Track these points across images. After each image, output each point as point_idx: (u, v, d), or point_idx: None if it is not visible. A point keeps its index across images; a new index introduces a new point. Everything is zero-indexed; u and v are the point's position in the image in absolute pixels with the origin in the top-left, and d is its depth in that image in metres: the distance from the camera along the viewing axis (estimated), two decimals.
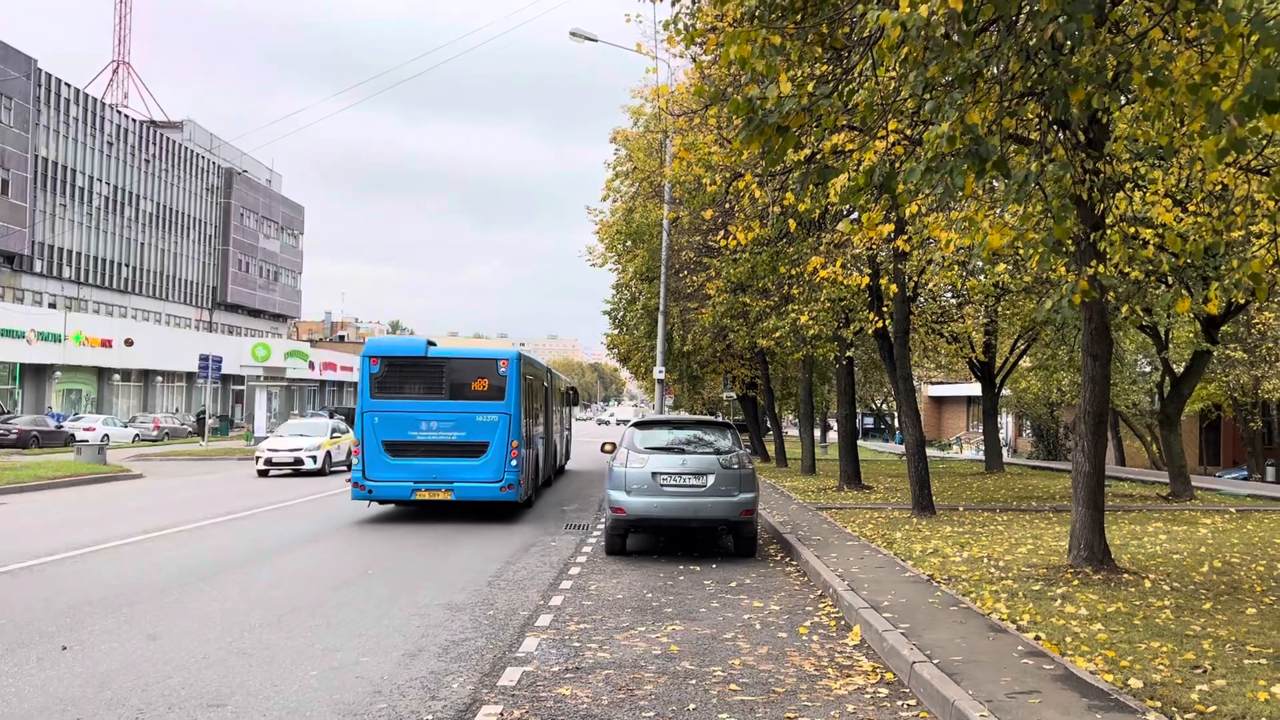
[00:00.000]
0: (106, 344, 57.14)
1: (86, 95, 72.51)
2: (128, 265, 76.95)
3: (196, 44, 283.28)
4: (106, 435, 43.28)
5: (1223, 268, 15.87)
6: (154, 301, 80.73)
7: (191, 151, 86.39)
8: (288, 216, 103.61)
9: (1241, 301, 19.26)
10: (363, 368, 17.04)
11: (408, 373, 17.09)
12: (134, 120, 79.06)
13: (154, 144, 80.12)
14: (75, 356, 54.85)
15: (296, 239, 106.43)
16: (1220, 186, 10.78)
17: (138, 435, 49.04)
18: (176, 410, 64.96)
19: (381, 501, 17.50)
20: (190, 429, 53.57)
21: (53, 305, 63.91)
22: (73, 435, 41.35)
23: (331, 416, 41.35)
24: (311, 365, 78.26)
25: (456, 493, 16.66)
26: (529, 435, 18.85)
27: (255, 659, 7.44)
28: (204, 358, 38.43)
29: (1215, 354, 22.63)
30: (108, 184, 74.10)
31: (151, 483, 25.11)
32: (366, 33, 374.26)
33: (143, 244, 78.85)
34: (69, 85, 69.49)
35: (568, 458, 31.73)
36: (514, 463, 16.86)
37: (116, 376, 60.08)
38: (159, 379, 65.38)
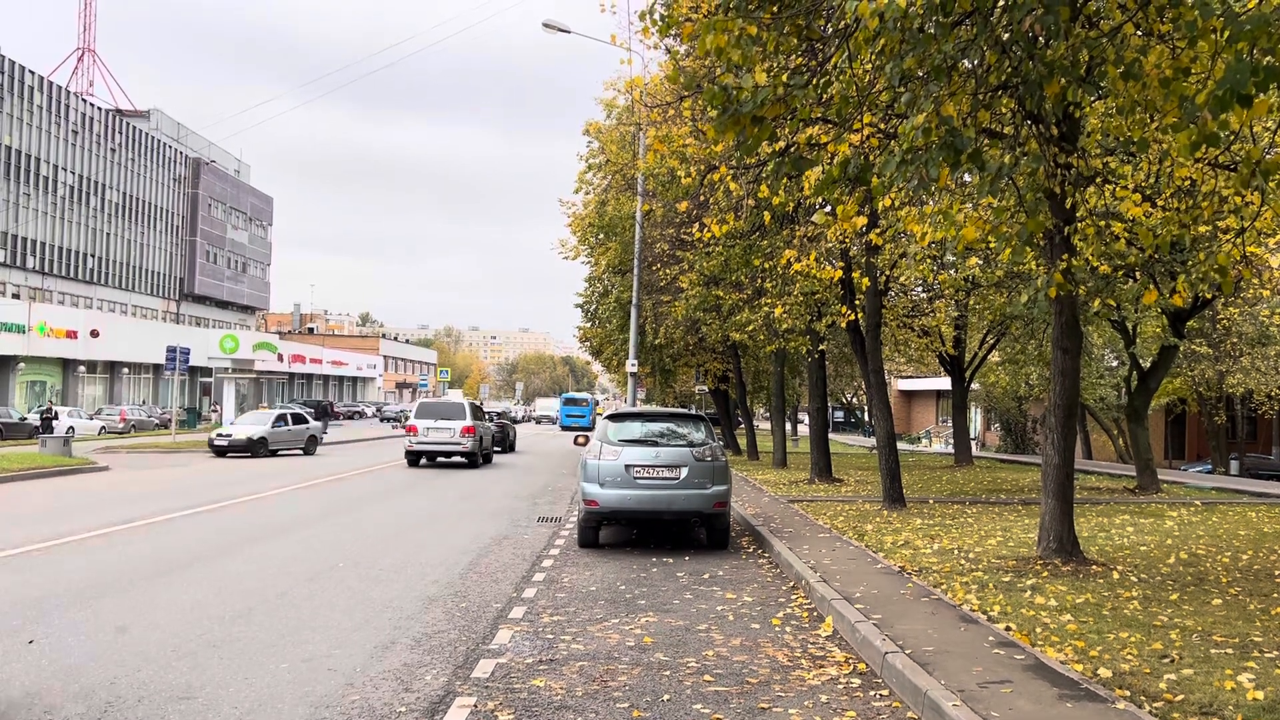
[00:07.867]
0: (72, 335, 56.39)
1: (51, 83, 71.50)
2: (93, 255, 76.01)
3: (160, 38, 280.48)
4: (72, 427, 42.70)
5: (1189, 261, 16.03)
6: (120, 292, 79.79)
7: (158, 141, 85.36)
8: (256, 207, 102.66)
9: (1208, 296, 19.49)
10: (561, 400, 79.89)
11: (570, 401, 75.53)
12: (99, 108, 78.00)
13: (120, 133, 79.11)
14: (39, 348, 54.11)
15: (265, 230, 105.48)
16: (1188, 182, 10.89)
17: (104, 428, 48.46)
18: (144, 402, 64.24)
19: (564, 428, 66.47)
20: (157, 421, 52.95)
21: (16, 296, 63.01)
22: (38, 427, 40.79)
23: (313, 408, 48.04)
24: (280, 357, 77.65)
25: (580, 425, 60.04)
26: (592, 414, 67.94)
27: (225, 651, 7.37)
28: (171, 349, 37.86)
29: (1181, 349, 22.89)
30: (73, 173, 73.12)
31: (119, 475, 24.81)
32: (328, 29, 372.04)
33: (108, 234, 77.90)
34: (33, 72, 68.48)
35: (594, 425, 57.85)
36: (591, 418, 65.41)
37: (82, 368, 59.35)
38: (125, 371, 64.61)
